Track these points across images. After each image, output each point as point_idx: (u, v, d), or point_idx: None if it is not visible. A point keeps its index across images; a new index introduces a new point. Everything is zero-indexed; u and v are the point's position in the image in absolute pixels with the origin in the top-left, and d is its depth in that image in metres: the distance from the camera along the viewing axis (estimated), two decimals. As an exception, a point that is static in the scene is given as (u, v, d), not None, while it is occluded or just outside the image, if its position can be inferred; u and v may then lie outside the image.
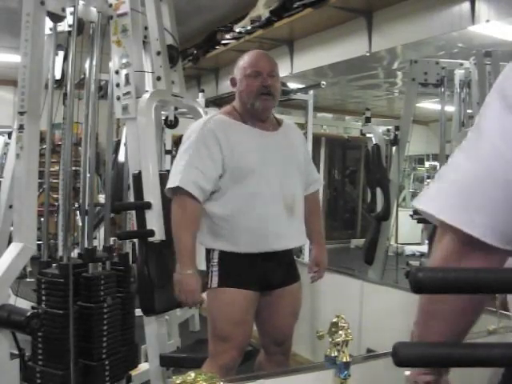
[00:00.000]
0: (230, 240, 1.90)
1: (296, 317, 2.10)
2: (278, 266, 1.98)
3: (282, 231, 1.94)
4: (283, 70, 3.69)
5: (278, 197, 1.93)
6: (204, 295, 2.01)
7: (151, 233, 2.25)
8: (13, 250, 2.09)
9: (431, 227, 3.08)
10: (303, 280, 2.12)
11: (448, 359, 0.76)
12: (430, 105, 3.59)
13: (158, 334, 2.29)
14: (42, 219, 2.74)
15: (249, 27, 3.53)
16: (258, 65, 1.96)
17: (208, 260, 1.96)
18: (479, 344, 0.74)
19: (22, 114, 2.13)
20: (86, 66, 2.69)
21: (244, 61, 2.00)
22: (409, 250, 4.03)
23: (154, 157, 2.33)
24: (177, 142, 5.23)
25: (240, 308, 1.91)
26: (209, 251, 1.96)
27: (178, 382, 0.84)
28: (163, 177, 2.38)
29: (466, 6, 2.40)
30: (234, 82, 2.03)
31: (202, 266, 2.08)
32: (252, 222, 1.89)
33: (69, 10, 2.40)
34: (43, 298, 2.32)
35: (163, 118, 2.83)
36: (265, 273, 1.94)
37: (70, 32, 2.50)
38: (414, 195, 5.16)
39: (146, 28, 2.58)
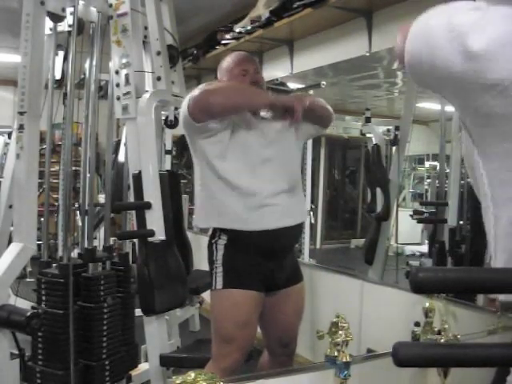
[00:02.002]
0: (237, 217, 1.88)
1: (301, 317, 2.10)
2: (282, 266, 1.98)
3: (288, 208, 1.94)
4: (283, 70, 3.69)
5: (282, 175, 1.94)
6: (204, 296, 2.01)
7: (151, 233, 2.25)
8: (13, 250, 2.09)
9: (431, 227, 3.08)
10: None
11: (447, 359, 0.76)
12: (430, 105, 3.59)
13: (158, 334, 2.29)
14: (42, 219, 2.74)
15: (249, 27, 3.53)
16: (244, 64, 2.03)
17: (211, 261, 1.95)
18: (478, 344, 0.74)
19: (21, 113, 2.13)
20: (86, 66, 2.70)
21: (229, 62, 2.06)
22: (409, 249, 4.02)
23: (154, 157, 2.32)
24: (177, 142, 5.24)
25: (245, 310, 1.90)
26: (212, 252, 1.96)
27: (178, 382, 0.84)
28: (163, 177, 2.38)
29: (466, 5, 2.39)
30: None
31: (204, 266, 2.08)
32: (259, 199, 1.88)
33: (69, 9, 2.41)
34: (43, 297, 2.32)
35: (163, 118, 2.83)
36: (269, 273, 1.94)
37: (70, 32, 2.51)
38: (414, 195, 5.15)
39: (146, 28, 2.58)
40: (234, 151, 1.89)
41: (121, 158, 3.36)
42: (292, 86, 3.95)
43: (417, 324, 1.40)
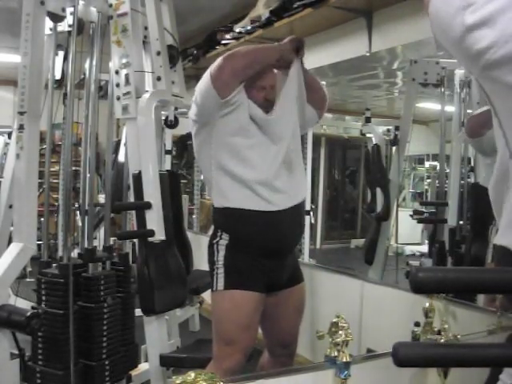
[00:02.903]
0: (260, 197, 1.88)
1: (301, 318, 2.10)
2: (283, 266, 1.97)
3: (285, 189, 1.94)
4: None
5: (278, 155, 1.93)
6: (204, 296, 2.00)
7: (151, 233, 2.25)
8: (13, 250, 2.09)
9: (431, 227, 3.08)
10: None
11: (447, 359, 0.76)
12: (430, 105, 3.59)
13: (158, 334, 2.29)
14: (42, 219, 2.74)
15: (249, 27, 3.53)
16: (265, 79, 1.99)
17: (212, 262, 1.94)
18: (478, 344, 0.74)
19: (22, 113, 2.13)
20: (86, 66, 2.70)
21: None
22: (409, 250, 4.02)
23: (154, 157, 2.32)
24: (177, 142, 5.24)
25: (247, 311, 1.90)
26: (213, 253, 1.95)
27: (177, 382, 0.84)
28: (163, 177, 2.38)
29: (467, 5, 2.39)
30: None
31: (204, 266, 2.08)
32: (270, 179, 1.89)
33: (69, 9, 2.41)
34: (43, 297, 2.32)
35: (163, 118, 2.83)
36: (271, 273, 1.93)
37: (69, 32, 2.51)
38: (414, 195, 5.15)
39: (146, 28, 2.58)
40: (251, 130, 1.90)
41: (121, 158, 3.36)
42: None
43: (417, 324, 1.40)
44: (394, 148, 3.32)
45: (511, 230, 0.92)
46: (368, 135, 3.59)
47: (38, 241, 2.38)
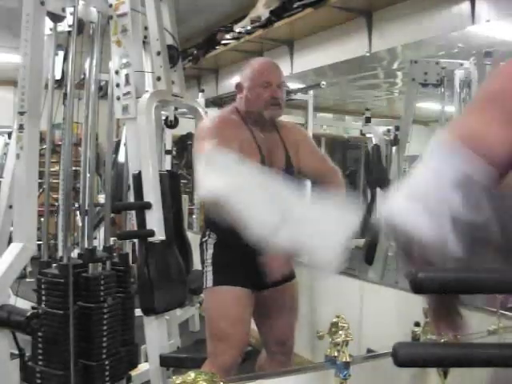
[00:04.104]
0: None
1: (295, 315, 2.10)
2: None
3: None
4: (283, 70, 3.69)
5: None
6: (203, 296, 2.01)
7: (151, 233, 2.25)
8: (13, 250, 2.09)
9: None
10: (303, 280, 2.11)
11: (447, 359, 0.76)
12: (430, 105, 3.59)
13: (158, 334, 2.29)
14: (42, 219, 2.74)
15: (249, 27, 3.53)
16: (269, 76, 1.98)
17: (202, 261, 1.97)
18: (478, 344, 0.74)
19: (22, 113, 2.13)
20: (86, 66, 2.70)
21: (253, 69, 2.01)
22: (409, 250, 4.02)
23: (154, 157, 2.33)
24: (177, 142, 5.24)
25: (236, 306, 1.91)
26: (202, 251, 1.97)
27: (177, 382, 0.84)
28: (163, 177, 2.38)
29: (466, 5, 2.40)
30: (240, 89, 2.02)
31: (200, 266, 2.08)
32: None
33: (69, 9, 2.41)
34: (43, 298, 2.31)
35: (163, 117, 2.83)
36: (260, 271, 1.93)
37: (69, 32, 2.50)
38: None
39: (146, 28, 2.58)
40: None
41: (121, 158, 3.35)
42: (292, 85, 3.94)
43: (417, 324, 1.40)
44: (394, 148, 3.32)
45: None
46: (368, 135, 3.59)
47: (38, 241, 2.37)
